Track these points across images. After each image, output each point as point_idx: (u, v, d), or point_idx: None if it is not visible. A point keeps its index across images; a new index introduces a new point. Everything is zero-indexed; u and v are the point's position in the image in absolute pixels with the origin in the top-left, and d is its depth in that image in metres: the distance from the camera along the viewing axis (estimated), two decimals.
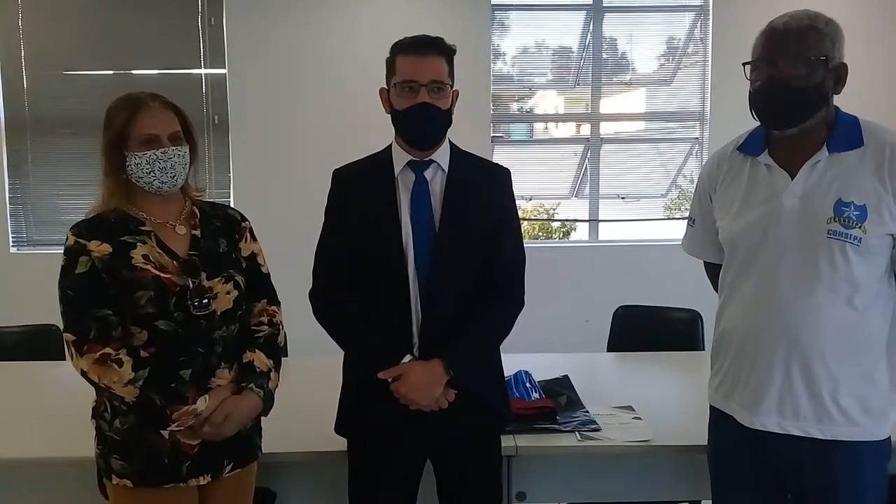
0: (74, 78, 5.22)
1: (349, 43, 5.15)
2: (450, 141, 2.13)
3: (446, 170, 2.08)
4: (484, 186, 2.10)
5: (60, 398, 2.75)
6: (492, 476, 2.18)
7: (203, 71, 5.23)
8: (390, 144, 2.13)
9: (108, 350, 1.84)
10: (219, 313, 1.95)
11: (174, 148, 1.93)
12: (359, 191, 2.10)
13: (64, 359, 3.12)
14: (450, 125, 2.07)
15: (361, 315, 2.06)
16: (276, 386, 2.04)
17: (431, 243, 2.03)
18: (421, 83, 1.98)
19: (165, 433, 1.88)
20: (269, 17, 5.14)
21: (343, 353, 2.15)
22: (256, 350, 2.03)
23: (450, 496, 2.17)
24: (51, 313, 2.47)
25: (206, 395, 1.91)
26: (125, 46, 5.18)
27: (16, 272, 5.16)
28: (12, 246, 5.28)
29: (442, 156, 2.09)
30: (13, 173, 5.25)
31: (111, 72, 5.25)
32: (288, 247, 3.00)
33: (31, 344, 3.30)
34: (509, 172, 2.19)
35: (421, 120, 2.01)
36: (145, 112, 1.92)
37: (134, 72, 5.25)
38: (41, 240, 5.30)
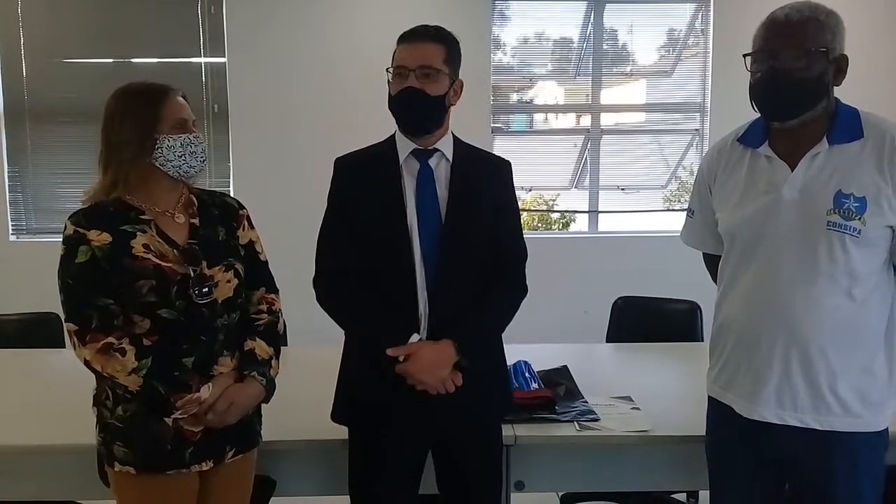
0: (74, 66, 5.22)
1: (349, 32, 5.14)
2: (452, 133, 2.14)
3: (450, 159, 2.09)
4: (485, 177, 2.12)
5: (60, 386, 2.75)
6: (492, 466, 2.18)
7: (203, 60, 5.23)
8: (393, 135, 2.13)
9: (110, 339, 1.84)
10: (220, 301, 1.96)
11: (201, 134, 1.98)
12: (362, 179, 2.10)
13: (64, 346, 3.16)
14: (443, 112, 2.06)
15: (366, 300, 2.05)
16: (277, 373, 2.05)
17: (437, 230, 2.03)
18: (409, 68, 2.00)
19: (169, 420, 1.88)
20: (268, 5, 5.13)
21: (343, 341, 2.15)
22: (257, 338, 2.04)
23: (449, 486, 2.18)
24: (50, 301, 2.48)
25: (210, 384, 1.92)
26: (125, 35, 5.18)
27: (15, 260, 5.16)
28: (11, 234, 5.28)
29: (446, 145, 2.10)
30: (12, 161, 5.26)
31: (110, 60, 5.25)
32: (287, 235, 3.01)
33: (31, 331, 3.30)
34: (510, 164, 2.21)
35: (407, 104, 2.03)
36: (172, 98, 1.95)
37: (133, 60, 5.25)
38: (40, 228, 5.31)
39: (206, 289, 1.93)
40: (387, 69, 2.05)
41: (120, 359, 1.83)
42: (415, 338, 2.01)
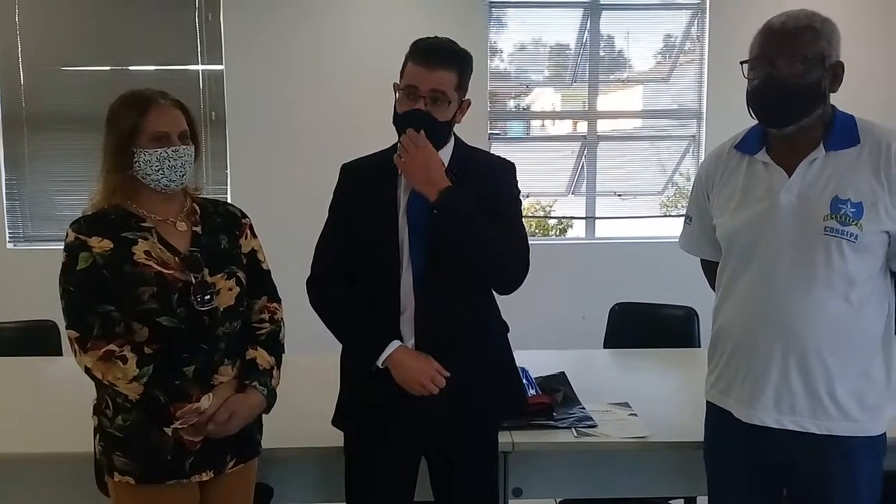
0: (71, 74, 5.22)
1: (346, 38, 5.15)
2: (455, 137, 2.13)
3: (446, 165, 2.07)
4: (483, 179, 2.10)
5: (58, 394, 2.75)
6: (487, 474, 2.18)
7: (200, 67, 5.23)
8: (397, 143, 2.13)
9: (112, 347, 1.84)
10: (221, 309, 1.96)
11: (184, 147, 1.94)
12: (362, 185, 2.11)
13: (62, 354, 3.16)
14: (448, 134, 2.06)
15: (356, 306, 2.06)
16: (278, 383, 2.05)
17: (427, 238, 2.03)
18: (420, 93, 1.98)
19: (169, 430, 1.88)
20: (266, 12, 5.14)
21: (341, 347, 2.15)
22: (258, 347, 2.04)
23: (444, 495, 2.17)
24: (48, 309, 2.48)
25: (210, 394, 1.91)
26: (122, 42, 5.18)
27: (13, 268, 5.15)
28: (9, 241, 5.27)
29: (444, 153, 2.08)
30: (10, 169, 5.24)
31: (108, 68, 5.24)
32: (284, 242, 3.00)
33: (29, 339, 3.30)
34: (513, 166, 2.18)
35: (412, 126, 2.00)
36: (156, 109, 1.92)
37: (131, 68, 5.24)
38: (38, 235, 5.30)
39: (208, 296, 1.93)
40: (394, 84, 2.03)
41: (121, 366, 1.83)
42: (395, 345, 2.00)
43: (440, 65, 1.99)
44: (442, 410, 2.02)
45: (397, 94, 2.04)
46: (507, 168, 2.17)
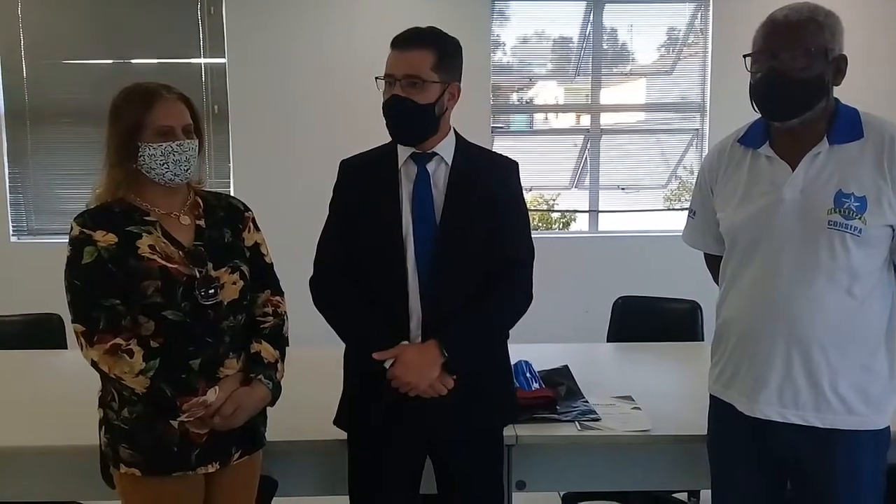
0: (74, 67, 5.23)
1: (349, 32, 5.15)
2: (456, 133, 2.12)
3: (449, 163, 2.07)
4: (488, 179, 2.09)
5: (61, 387, 2.75)
6: (492, 470, 2.17)
7: (203, 60, 5.24)
8: None
9: (118, 340, 1.84)
10: (226, 303, 1.96)
11: (188, 141, 1.94)
12: (363, 182, 2.10)
13: (65, 347, 3.16)
14: (433, 119, 2.02)
15: (360, 302, 2.05)
16: (283, 376, 2.05)
17: (432, 236, 2.02)
18: (396, 77, 1.98)
19: (175, 423, 1.88)
20: (268, 5, 5.14)
21: (344, 345, 2.15)
22: (263, 341, 2.04)
23: (448, 489, 2.17)
24: (51, 302, 2.48)
25: (216, 387, 1.91)
26: (124, 36, 5.19)
27: (16, 261, 5.17)
28: (12, 235, 5.29)
29: (445, 148, 2.08)
30: (13, 162, 5.26)
31: (110, 61, 5.25)
32: (287, 236, 3.00)
33: (32, 332, 3.30)
34: (516, 165, 2.17)
35: (394, 113, 2.01)
36: (162, 103, 1.91)
37: (133, 61, 5.26)
38: (41, 229, 5.32)
39: (212, 290, 1.93)
40: (376, 77, 2.03)
41: (128, 360, 1.84)
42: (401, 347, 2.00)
43: (413, 45, 1.99)
44: (446, 413, 2.01)
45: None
46: (511, 168, 2.16)
